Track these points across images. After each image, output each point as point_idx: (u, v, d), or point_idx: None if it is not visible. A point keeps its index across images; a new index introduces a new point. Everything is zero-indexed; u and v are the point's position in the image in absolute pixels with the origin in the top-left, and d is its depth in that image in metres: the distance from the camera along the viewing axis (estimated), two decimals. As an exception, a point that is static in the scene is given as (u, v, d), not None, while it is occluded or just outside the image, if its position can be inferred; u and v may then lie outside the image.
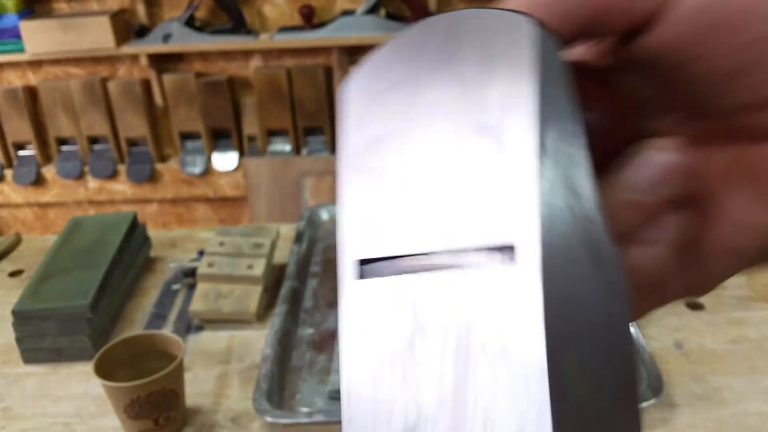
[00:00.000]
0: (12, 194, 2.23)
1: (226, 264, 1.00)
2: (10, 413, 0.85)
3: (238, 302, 0.96)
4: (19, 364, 0.94)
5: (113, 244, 1.04)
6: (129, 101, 2.11)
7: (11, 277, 1.15)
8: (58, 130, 2.16)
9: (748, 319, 0.92)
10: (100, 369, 0.76)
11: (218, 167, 2.16)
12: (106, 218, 1.13)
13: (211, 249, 1.02)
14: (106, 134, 2.15)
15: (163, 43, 2.00)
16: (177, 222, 2.31)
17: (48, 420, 0.84)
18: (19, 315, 0.92)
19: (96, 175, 2.17)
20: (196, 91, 2.09)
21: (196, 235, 1.23)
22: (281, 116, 2.10)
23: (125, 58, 2.12)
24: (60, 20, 1.99)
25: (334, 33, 1.97)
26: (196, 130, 2.15)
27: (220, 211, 2.29)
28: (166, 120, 2.19)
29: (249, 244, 1.03)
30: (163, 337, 0.81)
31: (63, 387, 0.89)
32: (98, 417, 0.84)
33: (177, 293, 1.06)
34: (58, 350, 0.93)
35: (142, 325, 1.00)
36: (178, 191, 2.20)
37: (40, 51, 2.03)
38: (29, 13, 2.07)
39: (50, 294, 0.94)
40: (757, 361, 0.84)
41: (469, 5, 1.99)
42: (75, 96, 2.11)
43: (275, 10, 2.05)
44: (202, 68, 2.13)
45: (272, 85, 2.07)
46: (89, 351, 0.92)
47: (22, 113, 2.15)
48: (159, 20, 2.07)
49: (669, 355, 0.86)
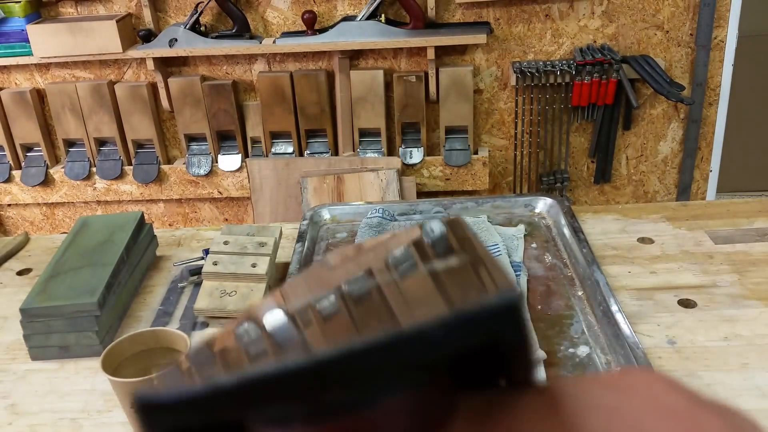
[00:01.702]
0: (20, 194, 2.26)
1: (230, 262, 1.01)
2: (17, 409, 0.87)
3: (243, 300, 0.98)
4: (26, 360, 0.95)
5: (120, 243, 1.06)
6: (136, 104, 2.14)
7: (20, 276, 1.16)
8: (66, 131, 2.19)
9: (740, 317, 0.93)
10: (107, 365, 0.77)
11: (223, 168, 2.18)
12: (113, 218, 1.15)
13: (216, 248, 1.04)
14: (113, 136, 2.18)
15: (168, 47, 2.02)
16: (183, 221, 2.34)
17: (55, 416, 0.85)
18: (27, 313, 0.93)
19: (103, 176, 2.20)
20: (202, 95, 2.11)
21: (201, 234, 1.25)
22: (284, 119, 2.13)
23: (132, 62, 2.15)
24: (67, 24, 2.02)
25: (336, 38, 1.99)
26: (201, 133, 2.17)
27: (224, 210, 2.31)
28: (172, 122, 2.21)
29: (253, 243, 1.04)
30: (169, 334, 0.83)
31: (70, 383, 0.91)
32: (105, 412, 0.85)
33: (183, 291, 1.08)
34: (65, 347, 0.95)
35: (148, 322, 1.02)
36: (183, 191, 2.22)
37: (48, 55, 2.06)
38: (36, 17, 2.10)
39: (58, 292, 0.95)
40: (749, 358, 0.85)
41: (466, 11, 2.01)
42: (82, 98, 2.13)
43: (278, 16, 2.07)
44: (207, 72, 2.15)
45: (275, 89, 2.09)
46: (96, 347, 0.93)
47: (31, 115, 2.17)
48: (165, 25, 2.09)
49: (662, 352, 0.87)
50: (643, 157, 2.18)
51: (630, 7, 2.00)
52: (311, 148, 2.17)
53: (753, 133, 2.71)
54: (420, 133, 2.11)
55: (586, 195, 2.26)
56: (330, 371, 0.16)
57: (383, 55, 2.08)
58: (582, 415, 0.17)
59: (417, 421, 0.18)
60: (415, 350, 0.16)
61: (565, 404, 0.18)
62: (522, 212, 1.21)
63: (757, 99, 2.66)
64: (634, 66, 1.98)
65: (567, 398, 0.18)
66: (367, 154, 2.12)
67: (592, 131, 2.13)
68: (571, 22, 2.02)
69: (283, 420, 0.17)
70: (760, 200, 1.22)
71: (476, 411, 0.19)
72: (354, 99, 2.08)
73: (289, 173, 2.10)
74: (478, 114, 2.14)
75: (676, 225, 1.16)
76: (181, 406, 0.17)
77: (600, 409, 0.18)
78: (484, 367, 0.19)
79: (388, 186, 2.02)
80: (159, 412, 0.17)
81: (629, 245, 1.11)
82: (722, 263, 1.04)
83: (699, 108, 2.08)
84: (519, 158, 2.16)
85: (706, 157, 2.18)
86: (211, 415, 0.17)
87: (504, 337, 0.17)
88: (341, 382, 0.16)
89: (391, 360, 0.16)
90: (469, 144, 2.11)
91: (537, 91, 2.06)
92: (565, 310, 0.95)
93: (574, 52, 2.04)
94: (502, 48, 2.06)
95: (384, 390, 0.17)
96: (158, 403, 0.17)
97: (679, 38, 2.03)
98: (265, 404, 0.17)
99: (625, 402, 0.18)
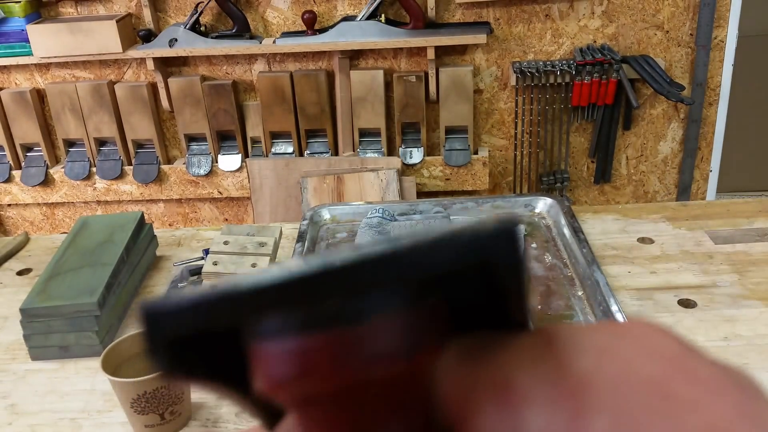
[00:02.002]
0: (20, 194, 2.26)
1: (230, 262, 1.01)
2: (17, 409, 0.87)
3: (242, 300, 0.98)
4: (26, 360, 0.95)
5: (120, 243, 1.06)
6: (136, 104, 2.14)
7: (20, 276, 1.16)
8: (66, 131, 2.19)
9: (740, 317, 0.93)
10: (107, 365, 0.78)
11: (223, 168, 2.18)
12: (113, 218, 1.15)
13: (216, 248, 1.04)
14: (113, 136, 2.18)
15: (168, 47, 2.02)
16: (183, 221, 2.34)
17: (55, 416, 0.85)
18: (27, 313, 0.93)
19: (103, 176, 2.20)
20: (202, 95, 2.11)
21: (201, 234, 1.25)
22: (284, 119, 2.13)
23: (132, 62, 2.15)
24: (67, 24, 2.02)
25: (336, 38, 1.99)
26: (201, 133, 2.17)
27: (224, 210, 2.31)
28: (172, 122, 2.21)
29: (253, 243, 1.05)
30: (169, 334, 0.83)
31: (70, 383, 0.91)
32: (105, 412, 0.85)
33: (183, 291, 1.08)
34: (65, 347, 0.95)
35: (147, 323, 1.02)
36: (183, 191, 2.22)
37: (48, 54, 2.06)
38: (36, 17, 2.10)
39: (58, 292, 0.95)
40: (749, 358, 0.86)
41: (466, 11, 2.01)
42: (82, 98, 2.13)
43: (278, 16, 2.08)
44: (207, 72, 2.15)
45: (275, 89, 2.09)
46: (96, 348, 0.93)
47: (31, 115, 2.17)
48: (165, 25, 2.09)
49: (662, 352, 0.87)
50: (643, 157, 2.18)
51: (630, 7, 2.00)
52: (311, 148, 2.17)
53: (753, 133, 2.71)
54: (420, 133, 2.11)
55: (586, 195, 2.26)
56: (326, 281, 0.17)
57: (383, 55, 2.08)
58: (573, 355, 0.18)
59: (407, 341, 0.18)
60: (410, 264, 0.17)
61: (557, 346, 0.18)
62: (522, 212, 1.21)
63: (757, 99, 2.66)
64: (634, 66, 1.98)
65: (558, 340, 0.18)
66: (367, 154, 2.12)
67: (592, 131, 2.13)
68: (571, 22, 2.02)
69: (277, 331, 0.18)
70: (760, 200, 1.22)
71: (467, 351, 0.19)
72: (354, 99, 2.08)
73: (289, 173, 2.11)
74: (478, 114, 2.14)
75: (676, 225, 1.16)
76: (182, 312, 0.18)
77: (591, 350, 0.18)
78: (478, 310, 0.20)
79: (388, 186, 2.02)
80: (162, 319, 0.18)
81: (629, 245, 1.11)
82: (722, 263, 1.04)
83: (699, 108, 2.08)
84: (519, 158, 2.16)
85: (706, 157, 2.18)
86: (211, 321, 0.18)
87: (498, 261, 0.18)
88: (336, 292, 0.17)
89: (386, 273, 0.17)
90: (469, 144, 2.11)
91: (537, 91, 2.06)
92: (565, 310, 0.95)
93: (574, 52, 2.04)
94: (502, 48, 2.06)
95: (378, 304, 0.18)
96: (161, 311, 0.18)
97: (679, 38, 2.03)
98: (262, 311, 0.17)
99: (617, 345, 0.18)
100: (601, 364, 0.17)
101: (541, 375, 0.18)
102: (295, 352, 0.18)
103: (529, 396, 0.17)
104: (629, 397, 0.17)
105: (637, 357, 0.17)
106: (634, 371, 0.17)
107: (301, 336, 0.18)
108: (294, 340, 0.18)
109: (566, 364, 0.18)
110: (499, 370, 0.18)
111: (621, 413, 0.16)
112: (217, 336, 0.19)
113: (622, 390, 0.17)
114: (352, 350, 0.18)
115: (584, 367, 0.17)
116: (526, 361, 0.18)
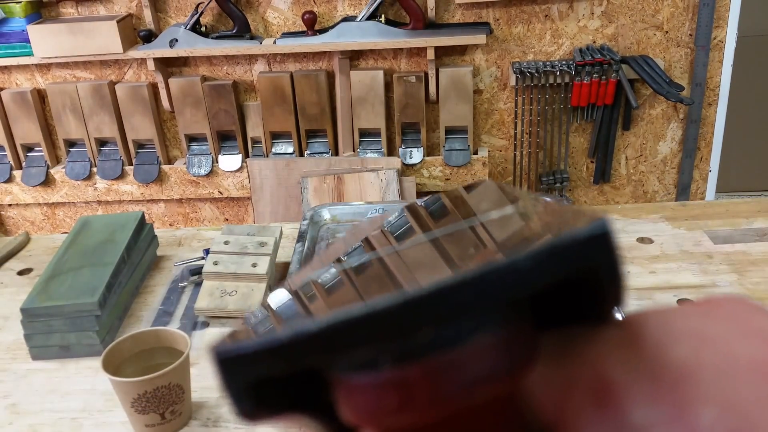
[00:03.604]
0: (21, 194, 2.26)
1: (231, 262, 1.02)
2: (18, 409, 0.87)
3: (243, 299, 0.99)
4: (27, 360, 0.95)
5: (121, 242, 1.06)
6: (136, 104, 2.14)
7: (20, 276, 1.17)
8: (67, 132, 2.19)
9: (739, 317, 0.93)
10: (107, 365, 0.78)
11: (223, 168, 2.18)
12: (114, 218, 1.15)
13: (217, 248, 1.04)
14: (114, 136, 2.18)
15: (169, 47, 2.03)
16: (183, 221, 2.34)
17: (56, 415, 0.85)
18: (28, 312, 0.93)
19: (104, 176, 2.20)
20: (202, 95, 2.12)
21: (201, 234, 1.25)
22: (284, 119, 2.13)
23: (132, 62, 2.15)
24: (68, 25, 2.02)
25: (336, 38, 1.99)
26: (201, 133, 2.17)
27: (225, 210, 2.31)
28: (173, 123, 2.21)
29: (253, 242, 1.05)
30: (170, 334, 0.83)
31: (71, 382, 0.91)
32: (105, 412, 0.85)
33: (183, 291, 1.08)
34: (66, 347, 0.95)
35: (149, 322, 1.02)
36: (184, 191, 2.22)
37: (49, 55, 2.06)
38: (37, 18, 2.10)
39: (59, 292, 0.95)
40: (747, 358, 0.86)
41: (466, 12, 2.01)
42: (83, 99, 2.14)
43: (278, 16, 2.08)
44: (207, 72, 2.15)
45: (276, 89, 2.09)
46: (97, 347, 0.93)
47: (31, 115, 2.18)
48: (165, 25, 2.10)
49: (661, 352, 0.88)
50: (642, 157, 2.19)
51: (629, 8, 2.00)
52: (311, 148, 2.17)
53: (752, 133, 2.71)
54: (420, 134, 2.12)
55: (585, 195, 2.26)
56: (422, 308, 0.16)
57: (383, 55, 2.08)
58: (667, 344, 0.17)
59: (504, 360, 0.17)
60: (508, 284, 0.16)
61: (648, 335, 0.17)
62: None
63: (756, 99, 2.66)
64: (633, 66, 1.98)
65: (648, 329, 0.17)
66: (367, 154, 2.12)
67: (591, 131, 2.13)
68: (571, 22, 2.02)
69: (369, 364, 0.17)
70: (760, 200, 1.22)
71: (554, 351, 0.18)
72: (354, 99, 2.08)
73: (289, 173, 2.11)
74: (478, 114, 2.15)
75: (675, 225, 1.16)
76: (262, 355, 0.17)
77: (685, 337, 0.17)
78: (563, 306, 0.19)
79: (388, 186, 2.02)
80: (239, 364, 0.17)
81: (629, 245, 1.11)
82: (721, 263, 1.05)
83: (698, 108, 2.08)
84: (519, 158, 2.16)
85: (706, 157, 2.18)
86: (295, 362, 0.16)
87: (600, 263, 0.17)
88: (433, 319, 0.16)
89: (482, 294, 0.16)
90: (469, 144, 2.11)
91: (537, 92, 2.06)
92: (564, 309, 0.95)
93: (573, 52, 2.05)
94: (502, 48, 2.06)
95: (473, 327, 0.17)
96: (238, 355, 0.17)
97: (678, 38, 2.03)
98: (352, 348, 0.16)
99: (711, 327, 0.17)
100: (698, 352, 0.16)
101: (638, 369, 0.17)
102: (392, 385, 0.17)
103: (629, 393, 0.16)
104: (734, 384, 0.16)
105: (733, 339, 0.17)
106: (733, 356, 0.16)
107: (396, 368, 0.17)
108: (389, 372, 0.17)
109: (662, 354, 0.17)
110: (592, 369, 0.17)
111: (728, 403, 0.15)
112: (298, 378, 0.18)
113: (725, 378, 0.16)
114: (452, 377, 0.17)
115: (681, 356, 0.16)
116: (619, 355, 0.17)
